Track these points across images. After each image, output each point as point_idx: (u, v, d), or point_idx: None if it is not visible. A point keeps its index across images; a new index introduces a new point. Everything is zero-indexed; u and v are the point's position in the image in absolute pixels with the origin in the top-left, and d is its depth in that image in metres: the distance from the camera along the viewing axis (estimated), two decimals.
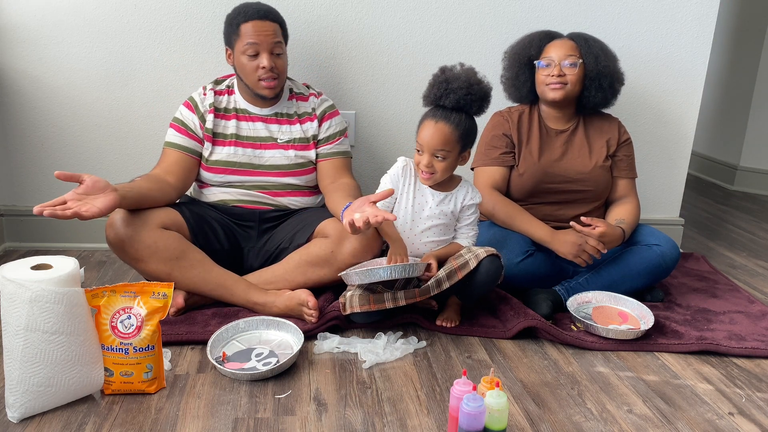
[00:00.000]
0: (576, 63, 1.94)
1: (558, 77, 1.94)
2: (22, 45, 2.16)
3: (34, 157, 2.26)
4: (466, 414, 1.22)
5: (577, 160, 2.01)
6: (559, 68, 1.94)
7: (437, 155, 1.69)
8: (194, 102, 1.93)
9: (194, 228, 1.83)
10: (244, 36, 1.84)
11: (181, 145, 1.90)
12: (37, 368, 1.29)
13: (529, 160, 2.00)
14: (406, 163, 1.80)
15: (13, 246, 2.31)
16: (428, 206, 1.77)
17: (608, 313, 1.84)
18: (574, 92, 1.97)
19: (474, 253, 1.70)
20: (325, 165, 1.98)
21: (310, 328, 1.70)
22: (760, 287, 2.25)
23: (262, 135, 1.95)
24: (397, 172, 1.79)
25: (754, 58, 3.64)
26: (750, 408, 1.50)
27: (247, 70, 1.87)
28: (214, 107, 1.93)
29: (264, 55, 1.85)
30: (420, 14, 2.26)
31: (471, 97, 1.68)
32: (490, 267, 1.70)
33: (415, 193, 1.78)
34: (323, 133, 1.99)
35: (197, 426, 1.33)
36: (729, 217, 3.17)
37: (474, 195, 1.81)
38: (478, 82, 1.70)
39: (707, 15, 2.35)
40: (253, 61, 1.85)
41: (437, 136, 1.67)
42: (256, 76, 1.86)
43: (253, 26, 1.84)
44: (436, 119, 1.68)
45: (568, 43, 1.97)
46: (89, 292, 1.36)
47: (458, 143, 1.70)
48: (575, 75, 1.95)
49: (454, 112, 1.68)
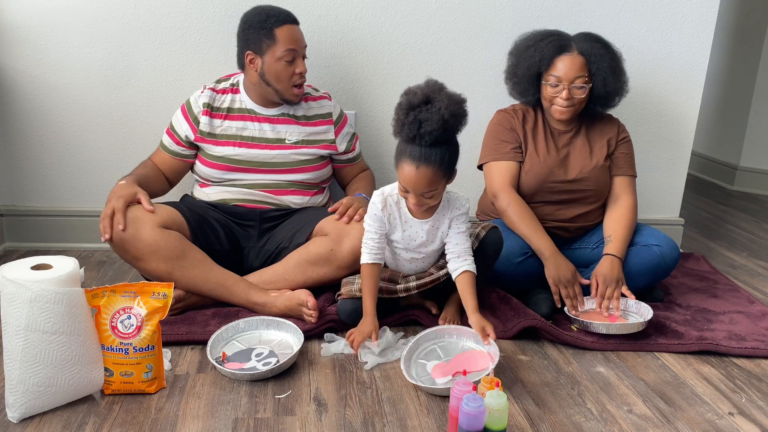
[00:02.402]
0: (585, 86, 1.90)
1: (566, 100, 1.90)
2: (22, 45, 2.16)
3: (34, 157, 2.26)
4: (466, 414, 1.22)
5: (579, 161, 2.01)
6: (568, 92, 1.90)
7: (425, 195, 1.58)
8: (189, 106, 1.95)
9: (195, 228, 1.83)
10: (282, 41, 1.83)
11: (169, 149, 1.98)
12: (37, 368, 1.29)
13: (535, 158, 1.99)
14: (383, 197, 1.67)
15: (13, 246, 2.31)
16: (419, 237, 1.70)
17: (596, 317, 1.82)
18: (581, 109, 1.97)
19: (474, 235, 1.76)
20: (349, 170, 2.13)
21: (310, 328, 1.70)
22: (760, 287, 2.25)
23: (269, 136, 1.94)
24: (377, 213, 1.66)
25: (754, 58, 3.64)
26: (750, 408, 1.50)
27: (283, 76, 1.86)
28: (209, 107, 1.93)
29: (299, 60, 1.86)
30: (420, 14, 2.26)
31: (449, 132, 1.53)
32: (493, 237, 1.77)
33: (403, 225, 1.69)
34: (343, 143, 2.04)
35: (197, 426, 1.33)
36: (729, 217, 3.17)
37: (459, 205, 1.69)
38: (452, 112, 1.51)
39: (707, 15, 2.35)
40: (290, 67, 1.85)
41: (422, 181, 1.53)
42: (291, 82, 1.87)
43: (291, 30, 1.85)
44: (417, 163, 1.52)
45: (578, 60, 1.89)
46: (89, 292, 1.36)
47: (444, 176, 1.57)
48: (584, 97, 1.92)
49: (433, 147, 1.52)
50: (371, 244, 1.67)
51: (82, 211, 2.31)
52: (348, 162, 2.10)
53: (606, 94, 1.95)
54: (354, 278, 1.77)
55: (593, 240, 2.06)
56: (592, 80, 1.92)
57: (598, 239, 2.05)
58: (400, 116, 1.54)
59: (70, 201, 2.32)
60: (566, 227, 2.04)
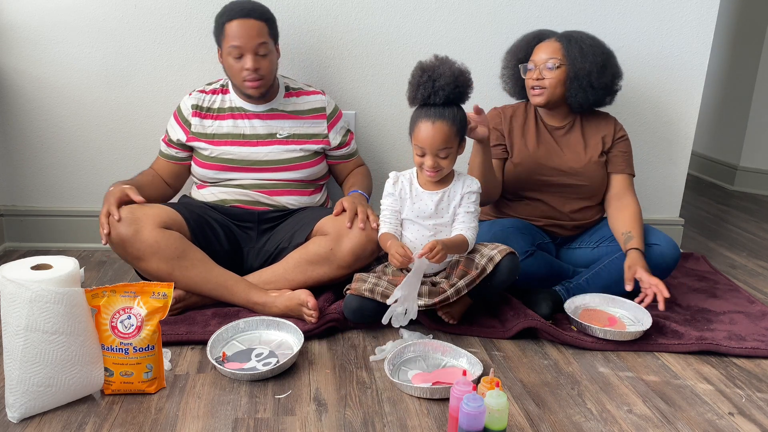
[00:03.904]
0: (554, 65, 1.93)
1: (537, 81, 1.95)
2: (22, 45, 2.16)
3: (34, 157, 2.26)
4: (466, 414, 1.22)
5: (572, 155, 2.02)
6: (539, 72, 1.95)
7: (440, 154, 1.68)
8: (179, 110, 1.99)
9: (194, 228, 1.84)
10: (228, 37, 1.84)
11: (165, 153, 2.02)
12: (37, 368, 1.29)
13: (524, 151, 2.02)
14: (396, 177, 1.79)
15: (13, 246, 2.31)
16: (428, 209, 1.75)
17: (597, 317, 1.82)
18: (556, 94, 1.97)
19: (488, 257, 1.70)
20: (344, 166, 2.11)
21: (310, 328, 1.70)
22: (760, 287, 2.25)
23: (260, 132, 1.95)
24: (389, 190, 1.78)
25: (754, 58, 3.64)
26: (750, 408, 1.50)
27: (233, 70, 1.88)
28: (197, 108, 1.95)
29: (248, 56, 1.84)
30: (420, 14, 2.26)
31: (459, 90, 1.67)
32: (508, 266, 1.70)
33: (413, 198, 1.76)
34: (336, 138, 2.03)
35: (197, 426, 1.33)
36: (729, 217, 3.17)
37: (471, 183, 1.76)
38: (461, 72, 1.67)
39: (707, 15, 2.35)
40: (238, 62, 1.85)
41: (438, 136, 1.65)
42: (241, 77, 1.87)
43: (237, 26, 1.82)
44: (433, 119, 1.65)
45: (553, 45, 1.95)
46: (89, 292, 1.36)
47: (457, 136, 1.69)
48: (555, 78, 1.94)
49: (446, 107, 1.67)
50: (387, 220, 1.77)
51: (82, 211, 2.31)
52: (343, 158, 2.09)
53: (577, 75, 1.93)
54: (367, 276, 1.76)
55: (593, 239, 2.06)
56: (566, 63, 1.93)
57: (598, 238, 2.05)
58: (415, 78, 1.69)
59: (70, 201, 2.32)
60: (563, 224, 2.05)
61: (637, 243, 1.91)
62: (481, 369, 1.54)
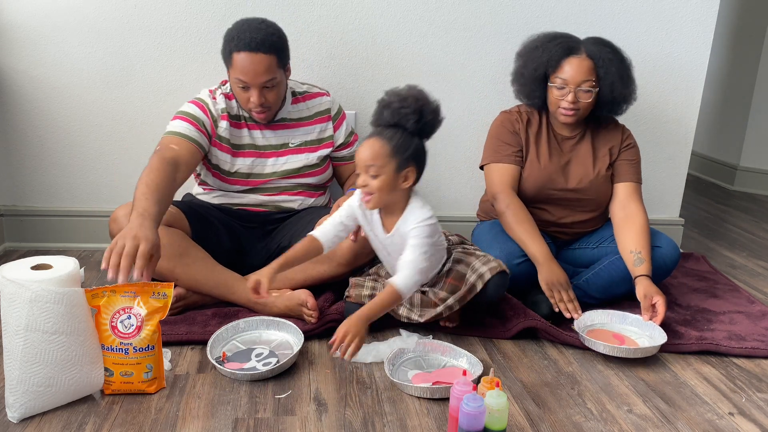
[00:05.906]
0: (592, 90, 1.87)
1: (572, 104, 1.88)
2: (22, 45, 2.16)
3: (34, 157, 2.26)
4: (466, 414, 1.22)
5: (580, 169, 1.99)
6: (574, 95, 1.87)
7: (369, 172, 1.55)
8: (206, 104, 1.87)
9: (196, 227, 1.84)
10: (235, 68, 1.77)
11: (190, 137, 1.79)
12: (37, 368, 1.29)
13: (535, 164, 1.98)
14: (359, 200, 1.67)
15: (13, 246, 2.31)
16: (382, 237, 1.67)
17: (602, 337, 1.75)
18: (586, 114, 1.94)
19: (478, 274, 1.67)
20: (346, 168, 2.09)
21: (310, 328, 1.70)
22: (760, 287, 2.25)
23: (273, 143, 1.94)
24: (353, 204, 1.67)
25: (754, 58, 3.64)
26: (750, 408, 1.50)
27: (240, 98, 1.84)
28: (228, 113, 1.88)
29: (254, 91, 1.78)
30: (420, 14, 2.26)
31: (405, 110, 1.53)
32: (497, 284, 1.68)
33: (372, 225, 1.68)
34: (340, 138, 2.03)
35: (197, 426, 1.33)
36: (729, 217, 3.17)
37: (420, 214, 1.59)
38: (416, 97, 1.54)
39: (707, 15, 2.35)
40: (244, 93, 1.81)
41: (366, 151, 1.54)
42: (247, 106, 1.84)
43: (244, 60, 1.74)
44: (368, 137, 1.56)
45: (586, 63, 1.86)
46: (89, 292, 1.36)
47: (392, 158, 1.53)
48: (591, 102, 1.89)
49: (389, 128, 1.55)
50: (327, 225, 1.65)
51: (82, 211, 2.31)
52: (345, 159, 2.08)
53: (613, 100, 1.91)
54: (363, 280, 1.77)
55: (593, 240, 2.06)
56: (599, 85, 1.89)
57: (598, 239, 2.05)
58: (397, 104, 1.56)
59: (70, 201, 2.32)
60: (564, 231, 2.05)
61: (647, 268, 1.83)
62: (481, 369, 1.54)
